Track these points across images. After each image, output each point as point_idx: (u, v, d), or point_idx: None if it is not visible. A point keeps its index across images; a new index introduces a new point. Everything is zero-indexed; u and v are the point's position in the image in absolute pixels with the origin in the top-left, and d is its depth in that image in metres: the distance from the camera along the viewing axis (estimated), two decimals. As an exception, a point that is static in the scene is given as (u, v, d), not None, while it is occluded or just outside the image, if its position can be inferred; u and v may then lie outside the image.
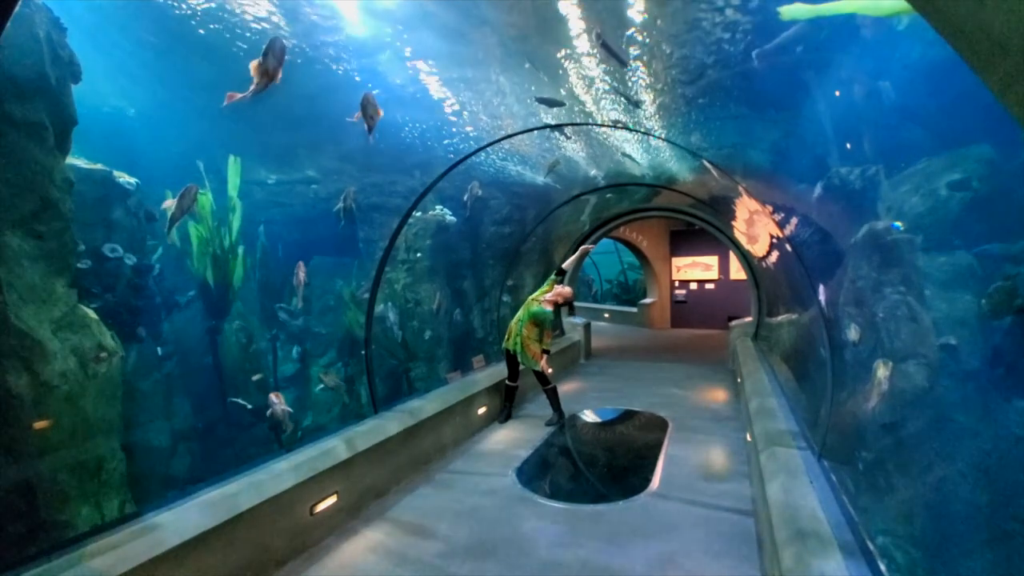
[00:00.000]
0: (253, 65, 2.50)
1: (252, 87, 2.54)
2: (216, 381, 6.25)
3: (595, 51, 3.51)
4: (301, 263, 6.15)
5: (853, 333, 3.01)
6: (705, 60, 3.20)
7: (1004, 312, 1.91)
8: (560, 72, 3.95)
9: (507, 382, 5.97)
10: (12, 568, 2.16)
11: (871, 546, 2.19)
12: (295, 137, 6.45)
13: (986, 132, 2.06)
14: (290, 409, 4.86)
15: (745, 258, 8.80)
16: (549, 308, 5.73)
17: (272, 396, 5.00)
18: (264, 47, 2.46)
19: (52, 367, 2.98)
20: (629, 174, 7.46)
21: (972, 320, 2.11)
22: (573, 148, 6.30)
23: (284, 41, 2.52)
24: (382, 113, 3.47)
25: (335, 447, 3.68)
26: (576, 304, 8.01)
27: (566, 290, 5.79)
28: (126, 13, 4.16)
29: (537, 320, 5.70)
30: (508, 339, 5.85)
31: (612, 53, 3.39)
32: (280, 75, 2.50)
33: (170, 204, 4.14)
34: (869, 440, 2.76)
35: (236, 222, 6.59)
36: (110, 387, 3.49)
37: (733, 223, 7.50)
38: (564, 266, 6.12)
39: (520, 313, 5.88)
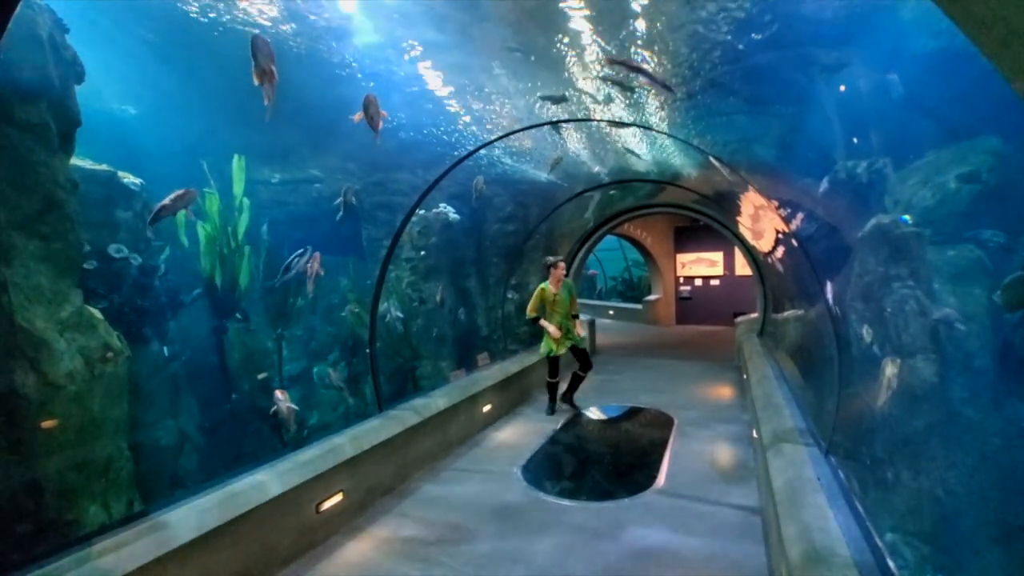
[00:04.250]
0: (255, 74, 2.49)
1: (266, 96, 2.54)
2: (222, 380, 6.27)
3: (603, 59, 3.49)
4: (317, 254, 6.16)
5: (861, 329, 2.98)
6: (710, 53, 3.16)
7: (1021, 304, 1.87)
8: (559, 65, 3.92)
9: (552, 379, 6.21)
10: (21, 567, 2.18)
11: (879, 543, 2.17)
12: (298, 136, 6.45)
13: (995, 124, 2.04)
14: (295, 407, 4.86)
15: (750, 254, 8.75)
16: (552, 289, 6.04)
17: (277, 394, 5.00)
18: (251, 51, 2.45)
19: (59, 367, 2.99)
20: (633, 170, 7.43)
21: (982, 314, 2.08)
22: (576, 145, 6.27)
23: (264, 37, 2.51)
24: (386, 115, 3.46)
25: (341, 445, 3.69)
26: (580, 301, 8.05)
27: (558, 268, 6.06)
28: (129, 12, 4.16)
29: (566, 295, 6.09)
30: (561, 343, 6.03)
31: (656, 81, 3.38)
32: (275, 69, 2.49)
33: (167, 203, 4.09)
34: (877, 436, 2.73)
35: (243, 222, 6.60)
36: (117, 387, 3.50)
37: (738, 219, 7.44)
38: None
39: (560, 310, 6.08)
